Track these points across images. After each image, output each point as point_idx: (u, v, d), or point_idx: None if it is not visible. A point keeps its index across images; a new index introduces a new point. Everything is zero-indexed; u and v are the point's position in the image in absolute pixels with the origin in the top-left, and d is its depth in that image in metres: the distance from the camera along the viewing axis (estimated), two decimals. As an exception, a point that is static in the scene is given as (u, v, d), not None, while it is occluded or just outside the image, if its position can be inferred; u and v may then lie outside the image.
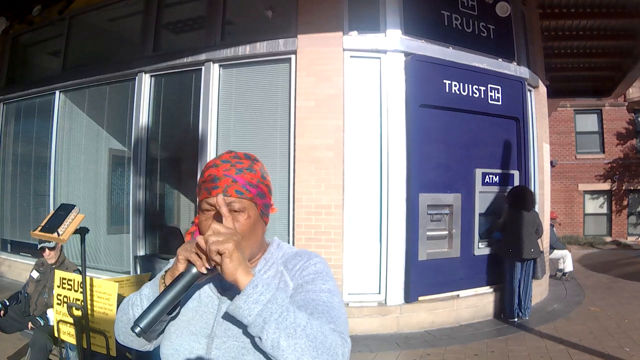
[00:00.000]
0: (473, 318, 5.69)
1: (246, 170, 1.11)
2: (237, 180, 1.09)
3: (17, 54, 8.52)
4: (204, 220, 1.11)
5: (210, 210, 1.10)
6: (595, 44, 9.26)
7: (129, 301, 1.14)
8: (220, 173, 1.10)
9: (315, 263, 1.14)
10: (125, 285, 3.91)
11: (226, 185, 1.08)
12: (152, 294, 1.08)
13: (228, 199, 1.08)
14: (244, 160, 1.13)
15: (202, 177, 1.14)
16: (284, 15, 5.75)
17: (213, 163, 1.13)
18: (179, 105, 6.47)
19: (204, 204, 1.11)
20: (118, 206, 6.80)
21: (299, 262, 1.15)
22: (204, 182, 1.12)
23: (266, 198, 1.15)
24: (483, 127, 5.99)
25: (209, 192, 1.10)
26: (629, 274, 9.23)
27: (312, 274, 1.11)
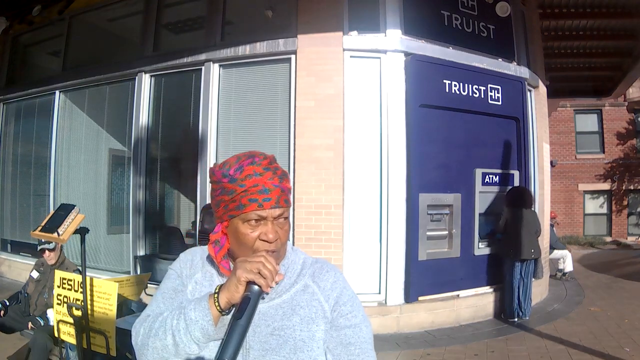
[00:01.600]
0: (473, 318, 5.69)
1: (284, 177, 1.08)
2: (284, 189, 1.07)
3: (17, 54, 8.52)
4: (249, 232, 1.05)
5: (260, 220, 1.05)
6: (595, 44, 9.26)
7: (164, 324, 1.02)
8: (268, 183, 1.04)
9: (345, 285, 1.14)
10: (125, 285, 3.91)
11: (277, 196, 1.05)
12: (204, 320, 0.99)
13: (280, 210, 1.05)
14: (276, 164, 1.09)
15: (243, 186, 1.04)
16: (284, 15, 5.75)
17: (254, 171, 1.05)
18: (179, 105, 6.47)
19: (251, 215, 1.04)
20: (118, 206, 6.80)
21: (328, 280, 1.13)
22: (246, 193, 1.04)
23: None
24: (483, 127, 5.99)
25: (259, 205, 1.03)
26: (629, 274, 9.23)
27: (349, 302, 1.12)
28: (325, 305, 1.10)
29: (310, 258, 1.19)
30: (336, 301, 1.11)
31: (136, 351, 1.08)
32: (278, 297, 1.10)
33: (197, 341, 1.00)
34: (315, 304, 1.09)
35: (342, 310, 1.11)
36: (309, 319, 1.08)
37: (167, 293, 1.14)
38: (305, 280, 1.13)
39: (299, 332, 1.06)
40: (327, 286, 1.12)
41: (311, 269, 1.15)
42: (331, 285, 1.12)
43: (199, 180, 5.78)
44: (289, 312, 1.08)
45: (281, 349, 1.04)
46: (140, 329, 1.07)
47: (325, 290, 1.11)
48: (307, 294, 1.11)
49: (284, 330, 1.06)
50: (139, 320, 1.11)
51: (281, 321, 1.07)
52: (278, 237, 1.06)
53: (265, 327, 1.06)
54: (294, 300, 1.10)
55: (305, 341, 1.06)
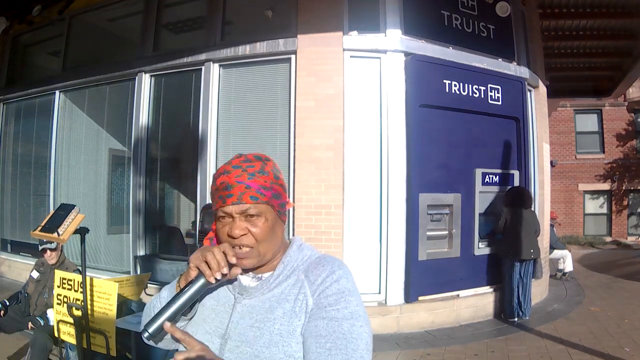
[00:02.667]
0: (473, 318, 5.69)
1: (258, 174, 1.09)
2: (251, 185, 1.07)
3: (17, 54, 8.51)
4: (220, 227, 1.10)
5: (227, 217, 1.08)
6: (595, 44, 9.26)
7: (150, 303, 1.21)
8: (232, 180, 1.07)
9: (339, 279, 1.07)
10: (125, 285, 3.91)
11: (240, 193, 1.06)
12: (169, 297, 1.08)
13: (243, 206, 1.06)
14: (254, 162, 1.11)
15: (215, 184, 1.11)
16: (284, 15, 5.75)
17: (224, 169, 1.10)
18: (179, 105, 6.47)
19: (219, 212, 1.09)
20: (118, 206, 6.80)
21: (321, 274, 1.08)
22: (217, 190, 1.09)
23: (281, 198, 1.13)
24: (483, 127, 5.99)
25: (223, 201, 1.07)
26: (629, 274, 9.23)
27: (335, 294, 1.05)
28: (310, 299, 1.06)
29: (317, 254, 1.16)
30: (321, 290, 1.06)
31: None
32: (269, 292, 1.09)
33: None
34: (301, 298, 1.06)
35: (322, 302, 1.05)
36: (292, 313, 1.05)
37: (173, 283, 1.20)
38: (298, 274, 1.11)
39: (278, 325, 1.04)
40: (317, 280, 1.07)
41: (306, 263, 1.13)
42: (322, 280, 1.07)
43: (199, 180, 5.78)
44: (274, 305, 1.07)
45: (256, 342, 1.03)
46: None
47: (314, 284, 1.07)
48: (296, 288, 1.08)
49: (264, 322, 1.05)
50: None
51: (265, 314, 1.07)
52: (246, 232, 1.07)
53: (249, 319, 1.07)
54: (283, 294, 1.08)
55: (283, 335, 1.03)
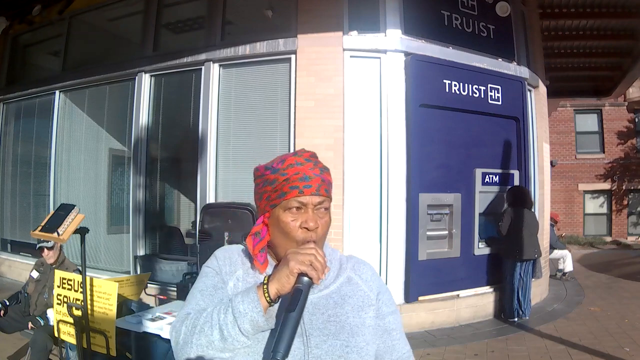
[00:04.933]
0: (473, 318, 5.69)
1: (325, 169, 1.13)
2: (325, 179, 1.10)
3: (17, 54, 8.51)
4: (290, 220, 1.08)
5: (300, 208, 1.08)
6: (595, 44, 9.26)
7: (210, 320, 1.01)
8: (309, 172, 1.08)
9: (378, 276, 1.25)
10: (125, 285, 3.91)
11: (318, 185, 1.08)
12: (254, 311, 0.98)
13: (320, 198, 1.09)
14: (318, 160, 1.14)
15: (285, 174, 1.08)
16: (284, 15, 5.75)
17: (296, 161, 1.10)
18: (179, 105, 6.47)
19: (292, 202, 1.07)
20: (118, 206, 6.80)
21: (367, 273, 1.22)
22: (288, 181, 1.07)
23: None
24: (483, 127, 5.98)
25: (300, 191, 1.07)
26: (629, 274, 9.23)
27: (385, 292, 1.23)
28: (370, 294, 1.18)
29: (343, 255, 1.26)
30: (378, 291, 1.20)
31: (177, 351, 1.05)
32: (325, 289, 1.14)
33: (246, 333, 0.99)
34: (361, 294, 1.17)
35: (384, 299, 1.20)
36: (359, 307, 1.14)
37: (207, 290, 1.12)
38: (348, 272, 1.20)
39: (351, 318, 1.12)
40: (368, 278, 1.21)
41: (350, 262, 1.23)
42: (370, 277, 1.21)
43: (199, 180, 5.77)
44: (339, 301, 1.13)
45: (340, 334, 1.09)
46: (181, 328, 1.04)
47: (367, 281, 1.20)
48: (352, 285, 1.18)
49: (339, 317, 1.11)
50: (178, 319, 1.08)
51: (334, 309, 1.12)
52: (318, 226, 1.09)
53: (321, 315, 1.10)
54: (341, 291, 1.16)
55: (359, 326, 1.12)
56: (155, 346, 3.29)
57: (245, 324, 0.98)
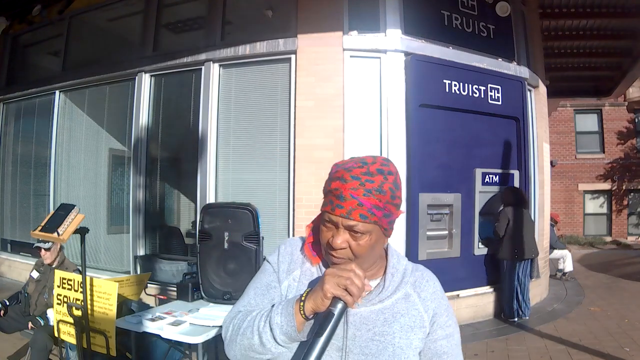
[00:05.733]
0: (473, 318, 5.69)
1: (375, 192, 1.03)
2: (364, 203, 1.02)
3: (17, 54, 8.51)
4: (324, 231, 1.08)
5: (331, 224, 1.06)
6: (595, 44, 9.26)
7: (252, 325, 1.05)
8: (347, 192, 1.03)
9: (443, 294, 1.17)
10: (125, 285, 3.91)
11: (351, 208, 1.02)
12: (288, 325, 1.01)
13: (350, 222, 1.03)
14: (375, 177, 1.04)
15: (329, 185, 1.08)
16: (283, 15, 5.74)
17: (342, 175, 1.05)
18: (179, 105, 6.46)
19: (326, 216, 1.07)
20: (118, 206, 6.80)
21: (428, 289, 1.15)
22: (329, 193, 1.07)
23: (392, 216, 1.09)
24: (483, 127, 5.98)
25: (332, 209, 1.05)
26: (629, 274, 9.23)
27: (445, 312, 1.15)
28: (424, 315, 1.13)
29: (411, 264, 1.20)
30: (435, 312, 1.14)
31: (225, 345, 1.12)
32: (380, 303, 1.11)
33: (281, 343, 1.03)
34: (415, 313, 1.12)
35: (440, 321, 1.14)
36: (408, 327, 1.10)
37: (260, 289, 1.16)
38: (407, 289, 1.14)
39: (398, 339, 1.09)
40: (427, 297, 1.14)
41: (412, 277, 1.16)
42: (431, 296, 1.15)
43: (199, 180, 5.77)
44: (390, 318, 1.10)
45: (381, 355, 1.07)
46: (229, 326, 1.11)
47: (426, 301, 1.14)
48: (408, 303, 1.13)
49: (384, 336, 1.08)
50: (229, 315, 1.14)
51: (382, 327, 1.09)
52: (347, 246, 1.05)
53: (366, 332, 1.08)
54: (395, 307, 1.12)
55: (403, 348, 1.08)
56: (155, 346, 3.29)
57: (280, 335, 1.01)
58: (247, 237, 3.30)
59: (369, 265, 1.12)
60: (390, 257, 1.17)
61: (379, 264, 1.16)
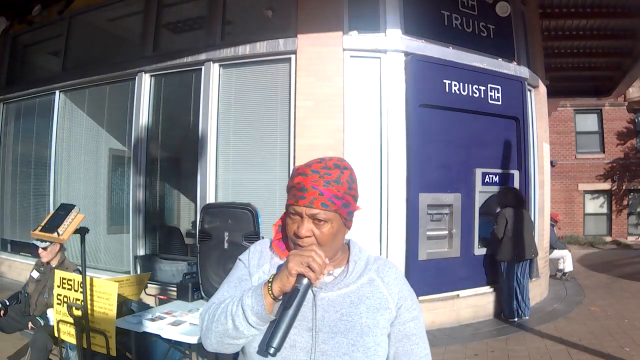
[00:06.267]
0: (473, 318, 5.69)
1: (333, 183, 1.15)
2: (324, 193, 1.14)
3: (17, 54, 8.51)
4: (289, 223, 1.19)
5: (296, 215, 1.17)
6: (595, 44, 9.26)
7: (225, 311, 1.13)
8: (308, 184, 1.15)
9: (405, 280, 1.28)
10: (125, 285, 3.91)
11: (313, 198, 1.14)
12: (258, 305, 1.09)
13: (313, 211, 1.14)
14: (332, 171, 1.17)
15: (292, 181, 1.19)
16: (283, 15, 5.74)
17: (302, 171, 1.18)
18: (179, 105, 6.46)
19: (290, 209, 1.18)
20: (118, 206, 6.80)
21: (390, 275, 1.25)
22: (292, 188, 1.18)
23: (351, 206, 1.20)
24: (483, 127, 5.98)
25: (296, 200, 1.16)
26: (629, 274, 9.23)
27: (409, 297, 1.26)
28: (389, 297, 1.22)
29: (372, 255, 1.30)
30: (399, 296, 1.23)
31: (202, 336, 1.20)
32: (345, 287, 1.20)
33: (253, 324, 1.10)
34: (380, 296, 1.21)
35: (406, 304, 1.24)
36: (374, 309, 1.19)
37: (233, 282, 1.26)
38: (371, 274, 1.24)
39: (365, 319, 1.17)
40: (390, 281, 1.24)
41: (375, 264, 1.27)
42: (394, 281, 1.25)
43: (199, 180, 5.77)
44: (356, 301, 1.19)
45: (349, 333, 1.15)
46: (205, 316, 1.19)
47: (389, 285, 1.24)
48: (373, 287, 1.22)
49: (352, 316, 1.17)
50: (205, 308, 1.22)
51: (349, 308, 1.18)
52: (311, 234, 1.15)
53: (334, 313, 1.17)
54: (360, 291, 1.21)
55: (371, 327, 1.17)
56: (155, 346, 3.29)
57: (252, 317, 1.09)
58: (247, 237, 3.30)
59: (333, 254, 1.21)
60: (353, 247, 1.28)
61: (342, 255, 1.26)
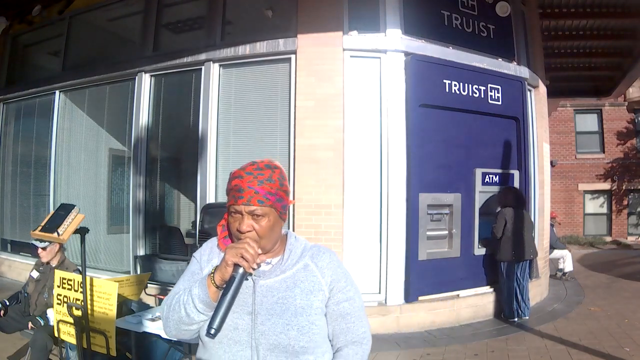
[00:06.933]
0: (473, 318, 5.69)
1: (266, 181, 1.29)
2: (259, 191, 1.28)
3: (17, 54, 8.51)
4: (231, 221, 1.32)
5: (237, 214, 1.30)
6: (595, 44, 9.26)
7: (179, 301, 1.28)
8: (244, 184, 1.28)
9: (339, 264, 1.40)
10: (125, 285, 3.91)
11: (249, 196, 1.27)
12: (203, 294, 1.24)
13: (251, 207, 1.28)
14: (264, 171, 1.31)
15: (230, 185, 1.32)
16: (284, 15, 5.75)
17: (238, 174, 1.31)
18: (179, 105, 6.47)
19: (231, 208, 1.31)
20: (118, 206, 6.80)
21: (324, 260, 1.38)
22: (231, 190, 1.31)
23: (284, 201, 1.34)
24: (483, 127, 5.98)
25: (235, 201, 1.29)
26: (629, 273, 9.23)
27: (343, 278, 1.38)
28: (322, 280, 1.35)
29: (310, 244, 1.44)
30: (332, 278, 1.36)
31: (163, 324, 1.36)
32: (282, 274, 1.34)
33: (201, 311, 1.25)
34: (313, 279, 1.34)
35: (339, 286, 1.36)
36: (308, 291, 1.32)
37: (187, 276, 1.41)
38: (306, 260, 1.37)
39: (299, 300, 1.30)
40: (323, 265, 1.37)
41: (310, 251, 1.40)
42: (327, 264, 1.37)
43: (199, 180, 5.77)
44: (291, 285, 1.32)
45: (284, 314, 1.28)
46: (164, 306, 1.35)
47: (322, 268, 1.36)
48: (307, 272, 1.35)
49: (287, 299, 1.30)
50: (165, 299, 1.37)
51: (285, 292, 1.31)
52: (252, 229, 1.28)
53: (271, 297, 1.30)
54: (296, 276, 1.34)
55: (305, 308, 1.30)
56: (155, 346, 3.29)
57: (199, 304, 1.24)
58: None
59: (272, 245, 1.35)
60: (289, 237, 1.42)
61: (280, 245, 1.40)
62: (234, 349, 1.27)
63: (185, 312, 1.26)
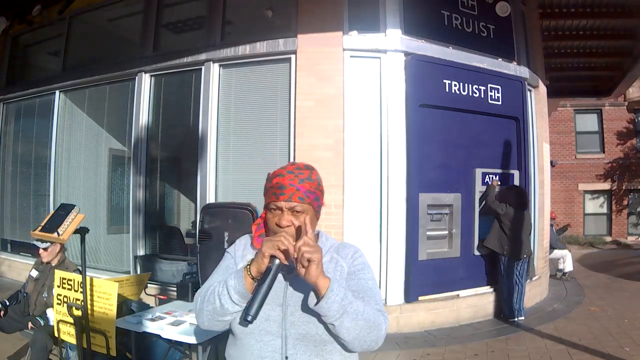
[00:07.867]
0: (473, 318, 5.69)
1: (306, 180, 1.40)
2: (300, 189, 1.38)
3: (17, 54, 8.51)
4: (270, 217, 1.41)
5: (277, 210, 1.39)
6: (595, 44, 9.26)
7: (214, 292, 1.35)
8: (286, 182, 1.38)
9: (360, 255, 1.51)
10: (125, 285, 3.91)
11: (291, 193, 1.37)
12: (239, 284, 1.30)
13: (292, 204, 1.38)
14: (304, 171, 1.42)
15: (270, 183, 1.42)
16: (284, 15, 5.75)
17: (279, 172, 1.42)
18: (179, 105, 6.47)
19: (271, 205, 1.40)
20: (118, 206, 6.80)
21: (349, 252, 1.49)
22: (272, 188, 1.41)
23: (320, 200, 1.45)
24: (483, 127, 5.98)
25: (277, 197, 1.38)
26: (629, 273, 9.23)
27: (360, 265, 1.48)
28: (344, 265, 1.46)
29: (338, 242, 1.56)
30: (353, 262, 1.47)
31: (196, 316, 1.42)
32: None
33: (236, 302, 1.31)
34: (339, 269, 1.44)
35: (353, 269, 1.45)
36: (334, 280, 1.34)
37: (221, 270, 1.49)
38: (331, 253, 1.48)
39: None
40: (347, 255, 1.49)
41: (337, 247, 1.52)
42: (351, 256, 1.49)
43: (199, 180, 5.78)
44: None
45: (309, 309, 1.30)
46: (198, 298, 1.41)
47: (345, 258, 1.48)
48: (332, 263, 1.45)
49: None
50: (198, 292, 1.44)
51: None
52: (291, 224, 1.37)
53: (301, 290, 1.37)
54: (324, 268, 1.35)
55: None
56: (155, 346, 3.29)
57: (235, 295, 1.30)
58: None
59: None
60: (320, 237, 1.53)
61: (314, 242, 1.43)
62: (265, 339, 1.35)
63: (220, 302, 1.32)
